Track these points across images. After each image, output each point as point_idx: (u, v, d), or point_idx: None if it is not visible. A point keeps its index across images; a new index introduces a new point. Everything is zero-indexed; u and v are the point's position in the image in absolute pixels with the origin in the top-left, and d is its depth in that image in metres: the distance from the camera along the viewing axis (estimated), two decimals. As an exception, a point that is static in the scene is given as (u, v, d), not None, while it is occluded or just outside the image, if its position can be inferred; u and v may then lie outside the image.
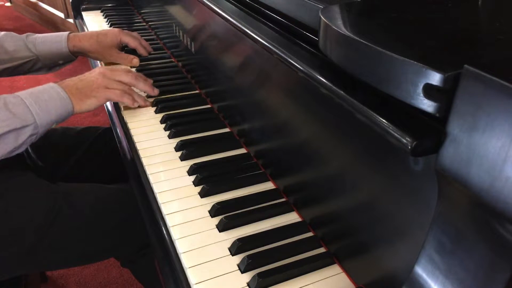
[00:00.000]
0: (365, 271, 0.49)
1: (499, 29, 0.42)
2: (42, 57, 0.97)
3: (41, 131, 0.71)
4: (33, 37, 0.97)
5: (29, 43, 0.96)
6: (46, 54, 0.97)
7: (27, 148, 0.89)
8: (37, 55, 0.96)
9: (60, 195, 0.75)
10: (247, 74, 0.70)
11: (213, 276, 0.51)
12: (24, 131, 0.68)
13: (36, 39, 0.97)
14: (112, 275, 1.32)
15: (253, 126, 0.71)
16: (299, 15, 0.55)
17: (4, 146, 0.66)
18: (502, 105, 0.27)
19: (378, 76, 0.37)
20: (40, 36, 0.98)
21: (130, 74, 0.83)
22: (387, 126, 0.36)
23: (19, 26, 3.40)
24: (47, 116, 0.71)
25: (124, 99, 0.81)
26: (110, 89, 0.79)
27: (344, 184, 0.50)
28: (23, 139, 0.68)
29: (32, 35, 0.98)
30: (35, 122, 0.69)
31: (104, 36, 1.02)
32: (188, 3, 0.92)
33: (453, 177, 0.32)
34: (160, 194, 0.64)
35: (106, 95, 0.78)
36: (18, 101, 0.68)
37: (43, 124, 0.70)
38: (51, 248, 0.74)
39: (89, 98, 0.77)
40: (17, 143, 0.67)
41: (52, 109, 0.71)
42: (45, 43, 0.97)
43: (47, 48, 0.97)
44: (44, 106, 0.70)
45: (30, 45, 0.96)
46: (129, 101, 0.82)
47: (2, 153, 0.66)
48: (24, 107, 0.68)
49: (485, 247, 0.32)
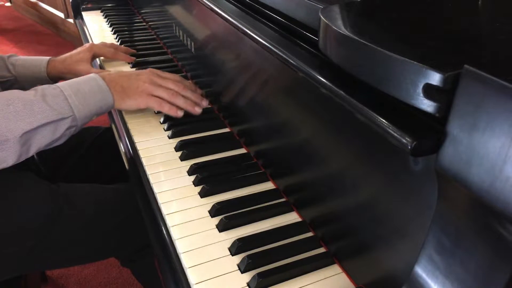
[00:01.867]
0: (365, 271, 0.49)
1: (499, 29, 0.42)
2: (20, 78, 0.95)
3: (80, 123, 0.70)
4: (14, 58, 0.95)
5: (9, 63, 0.94)
6: (24, 77, 0.95)
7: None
8: (15, 76, 0.95)
9: (61, 195, 0.75)
10: (247, 74, 0.70)
11: (213, 276, 0.51)
12: (62, 123, 0.67)
13: (17, 61, 0.95)
14: (112, 275, 1.32)
15: (253, 126, 0.72)
16: (299, 15, 0.55)
17: (41, 139, 0.66)
18: (502, 105, 0.27)
19: (378, 76, 0.37)
20: (21, 59, 0.96)
21: (178, 84, 0.81)
22: (387, 126, 0.36)
23: (19, 26, 3.41)
24: (86, 109, 0.70)
25: (165, 109, 0.78)
26: (154, 97, 0.78)
27: (344, 184, 0.50)
28: (61, 132, 0.67)
29: (15, 56, 0.96)
30: (73, 114, 0.68)
31: (77, 55, 1.00)
32: (188, 3, 0.92)
33: (453, 177, 0.32)
34: (160, 194, 0.64)
35: (147, 102, 0.77)
36: (57, 93, 0.68)
37: (82, 116, 0.70)
38: (51, 248, 0.74)
39: (130, 99, 0.76)
40: (55, 135, 0.67)
41: (91, 102, 0.71)
42: (24, 65, 0.95)
43: (25, 71, 0.95)
44: (83, 98, 0.70)
45: (10, 66, 0.94)
46: (172, 112, 0.79)
47: (39, 146, 0.66)
48: (62, 99, 0.68)
49: (485, 247, 0.32)
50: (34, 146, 0.65)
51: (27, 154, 0.65)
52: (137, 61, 1.07)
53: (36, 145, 0.65)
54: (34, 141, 0.65)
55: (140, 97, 0.77)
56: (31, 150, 0.65)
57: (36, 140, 0.65)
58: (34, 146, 0.65)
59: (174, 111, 0.78)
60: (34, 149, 0.65)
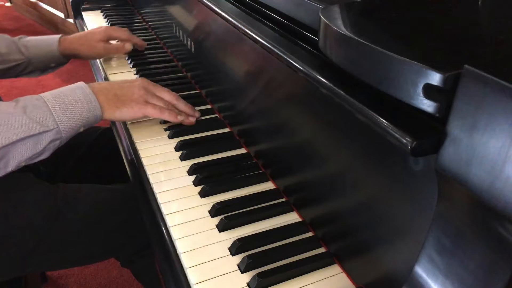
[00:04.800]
0: (365, 271, 0.49)
1: (499, 29, 0.42)
2: (34, 60, 0.97)
3: (65, 136, 0.66)
4: (25, 39, 0.97)
5: (21, 45, 0.95)
6: (38, 57, 0.97)
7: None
8: (29, 58, 0.96)
9: (60, 196, 0.75)
10: (247, 74, 0.70)
11: (213, 276, 0.51)
12: (44, 136, 0.63)
13: (28, 42, 0.96)
14: (112, 275, 1.32)
15: (253, 126, 0.71)
16: (299, 15, 0.55)
17: (22, 153, 0.61)
18: (502, 105, 0.27)
19: (378, 76, 0.37)
20: (32, 39, 0.97)
21: (172, 94, 0.79)
22: (387, 126, 0.36)
23: (19, 26, 3.40)
24: (71, 121, 0.66)
25: (165, 115, 0.75)
26: (150, 104, 0.74)
27: (344, 184, 0.50)
28: (44, 145, 0.63)
29: (25, 37, 0.97)
30: (57, 127, 0.64)
31: (92, 34, 1.02)
32: (188, 3, 0.92)
33: (453, 177, 0.32)
34: (160, 194, 0.64)
35: (144, 109, 0.73)
36: (40, 104, 0.64)
37: (67, 129, 0.66)
38: (51, 249, 0.73)
39: (126, 107, 0.72)
40: (37, 149, 0.63)
41: (77, 113, 0.67)
42: (37, 46, 0.97)
43: (38, 51, 0.97)
44: (68, 110, 0.66)
45: (22, 48, 0.95)
46: (172, 117, 0.76)
47: (19, 160, 0.62)
48: (45, 111, 0.64)
49: (485, 247, 0.32)
50: (13, 161, 0.61)
51: (5, 170, 0.61)
52: (137, 61, 1.07)
53: (15, 160, 0.61)
54: (12, 156, 0.61)
55: (136, 104, 0.73)
56: (9, 166, 0.61)
57: (15, 155, 0.61)
58: (13, 161, 0.61)
59: (174, 117, 0.76)
60: (13, 164, 0.62)
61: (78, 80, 0.73)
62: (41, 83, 2.43)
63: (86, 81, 0.72)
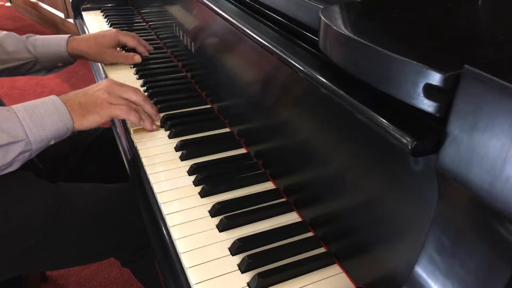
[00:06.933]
0: (365, 271, 0.49)
1: (499, 29, 0.42)
2: (41, 59, 0.98)
3: (34, 148, 0.65)
4: (33, 38, 0.97)
5: (29, 44, 0.96)
6: (46, 56, 0.98)
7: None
8: (36, 56, 0.97)
9: (60, 195, 0.75)
10: (247, 74, 0.70)
11: (213, 276, 0.51)
12: (13, 147, 0.62)
13: (37, 41, 0.97)
14: (112, 275, 1.32)
15: (253, 126, 0.71)
16: (299, 15, 0.55)
17: None
18: (502, 105, 0.27)
19: (378, 76, 0.37)
20: (40, 38, 0.98)
21: (139, 94, 0.77)
22: (387, 126, 0.36)
23: (19, 26, 3.40)
24: (41, 132, 0.65)
25: (131, 116, 0.74)
26: (115, 105, 0.73)
27: (344, 184, 0.50)
28: (13, 157, 0.63)
29: (33, 36, 0.98)
30: (27, 138, 0.63)
31: (102, 38, 1.02)
32: (188, 3, 0.92)
33: (453, 177, 0.32)
34: (160, 194, 0.64)
35: (110, 112, 0.72)
36: (10, 115, 0.63)
37: (37, 140, 0.65)
38: (51, 248, 0.74)
39: (91, 114, 0.71)
40: (5, 160, 0.62)
41: (48, 125, 0.66)
42: (45, 45, 0.97)
43: (46, 51, 0.97)
44: (39, 121, 0.65)
45: (30, 46, 0.96)
46: (135, 119, 0.75)
47: None
48: (15, 122, 0.63)
49: (485, 247, 0.32)
50: None
51: None
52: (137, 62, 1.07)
53: None
54: None
55: (101, 109, 0.71)
56: None
57: None
58: None
59: (138, 119, 0.75)
60: None
61: (78, 80, 0.73)
62: (41, 83, 2.43)
63: (86, 81, 0.72)
